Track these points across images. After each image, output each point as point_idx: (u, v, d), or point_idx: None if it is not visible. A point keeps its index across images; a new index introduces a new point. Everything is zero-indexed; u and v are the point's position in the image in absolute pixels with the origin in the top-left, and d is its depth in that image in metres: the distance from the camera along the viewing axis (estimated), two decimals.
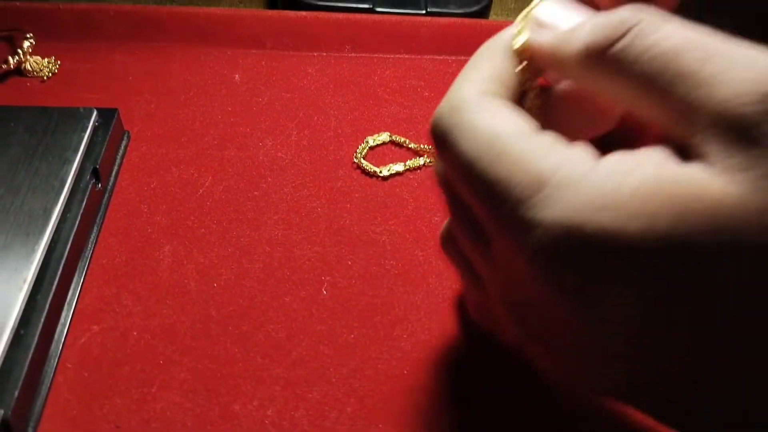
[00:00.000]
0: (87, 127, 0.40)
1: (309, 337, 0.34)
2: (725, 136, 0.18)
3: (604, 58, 0.21)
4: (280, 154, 0.43)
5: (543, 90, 0.25)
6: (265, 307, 0.35)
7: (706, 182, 0.18)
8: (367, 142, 0.44)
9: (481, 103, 0.22)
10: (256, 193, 0.41)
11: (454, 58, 0.51)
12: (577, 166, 0.20)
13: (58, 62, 0.49)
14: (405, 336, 0.34)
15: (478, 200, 0.22)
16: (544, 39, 0.23)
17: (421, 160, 0.43)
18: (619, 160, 0.20)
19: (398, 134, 0.45)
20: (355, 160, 0.43)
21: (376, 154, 0.44)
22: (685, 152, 0.19)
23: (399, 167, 0.43)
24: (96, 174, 0.39)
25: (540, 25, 0.24)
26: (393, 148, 0.44)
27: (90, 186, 0.38)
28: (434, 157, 0.43)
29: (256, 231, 0.39)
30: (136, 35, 0.50)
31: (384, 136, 0.44)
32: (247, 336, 0.34)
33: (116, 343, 0.33)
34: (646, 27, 0.20)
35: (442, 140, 0.23)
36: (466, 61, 0.53)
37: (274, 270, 0.37)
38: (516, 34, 0.24)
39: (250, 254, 0.38)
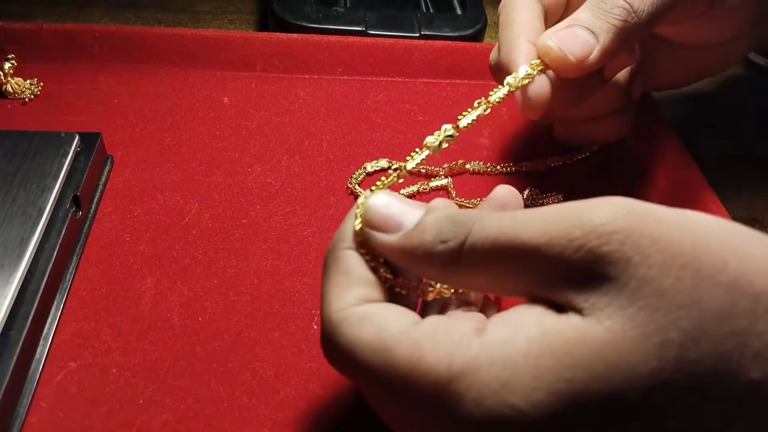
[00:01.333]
0: (68, 153, 0.38)
1: (298, 375, 0.32)
2: (576, 284, 0.20)
3: (457, 261, 0.22)
4: (269, 180, 0.42)
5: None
6: (252, 342, 0.33)
7: (583, 327, 0.19)
8: (365, 168, 0.43)
9: (349, 319, 0.23)
10: (244, 221, 0.39)
11: (448, 81, 0.50)
12: (465, 350, 0.20)
13: (41, 84, 0.47)
14: None
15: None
16: (389, 241, 0.24)
17: (414, 188, 0.42)
18: (501, 323, 0.21)
19: (392, 159, 0.43)
20: (349, 185, 0.42)
21: (372, 180, 0.43)
22: (558, 307, 0.21)
23: None
24: (76, 201, 0.37)
25: (377, 220, 0.24)
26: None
27: (70, 214, 0.36)
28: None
29: (244, 261, 0.37)
30: (122, 57, 0.49)
31: (383, 162, 0.43)
32: (233, 374, 0.32)
33: (94, 381, 0.32)
34: (480, 222, 0.22)
35: (334, 360, 0.24)
36: (460, 84, 0.53)
37: (262, 303, 0.35)
38: (358, 226, 0.25)
39: (237, 286, 0.36)
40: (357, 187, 0.41)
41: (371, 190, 0.26)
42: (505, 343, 0.20)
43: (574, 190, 0.42)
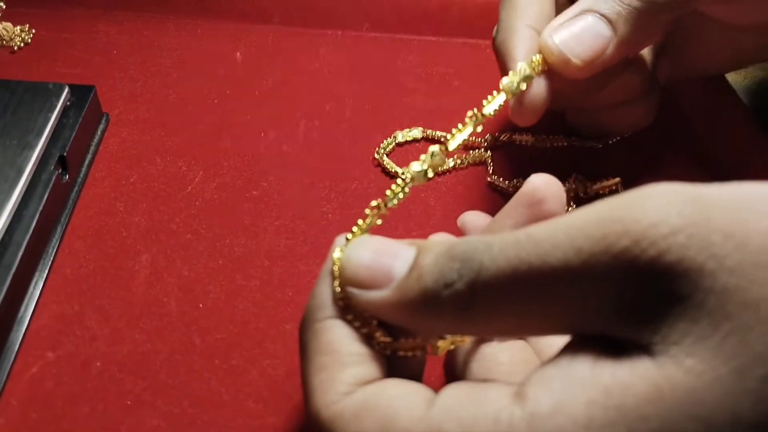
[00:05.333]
0: (55, 107, 0.33)
1: None
2: (636, 313, 0.15)
3: (470, 306, 0.17)
4: (284, 147, 0.37)
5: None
6: (260, 335, 0.29)
7: (657, 374, 0.15)
8: (395, 137, 0.37)
9: (344, 416, 0.18)
10: (254, 192, 0.34)
11: (488, 42, 0.45)
12: None
13: (33, 31, 0.42)
14: (433, 377, 0.28)
15: None
16: (381, 297, 0.19)
17: (450, 162, 0.37)
18: (545, 383, 0.16)
19: (425, 128, 0.38)
20: (376, 156, 0.36)
21: (403, 152, 0.37)
22: (616, 344, 0.16)
23: None
24: (63, 163, 0.32)
25: (360, 277, 0.19)
26: (426, 145, 0.38)
27: (54, 177, 0.31)
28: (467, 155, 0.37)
29: (254, 240, 0.32)
30: (124, 4, 0.44)
31: (415, 132, 0.38)
32: (237, 372, 0.27)
33: (75, 375, 0.27)
34: (489, 252, 0.17)
35: None
36: None
37: (273, 289, 0.30)
38: (337, 289, 0.20)
39: (245, 268, 0.31)
40: (385, 158, 0.36)
41: (347, 238, 0.21)
42: (557, 414, 0.15)
43: (634, 173, 0.37)
